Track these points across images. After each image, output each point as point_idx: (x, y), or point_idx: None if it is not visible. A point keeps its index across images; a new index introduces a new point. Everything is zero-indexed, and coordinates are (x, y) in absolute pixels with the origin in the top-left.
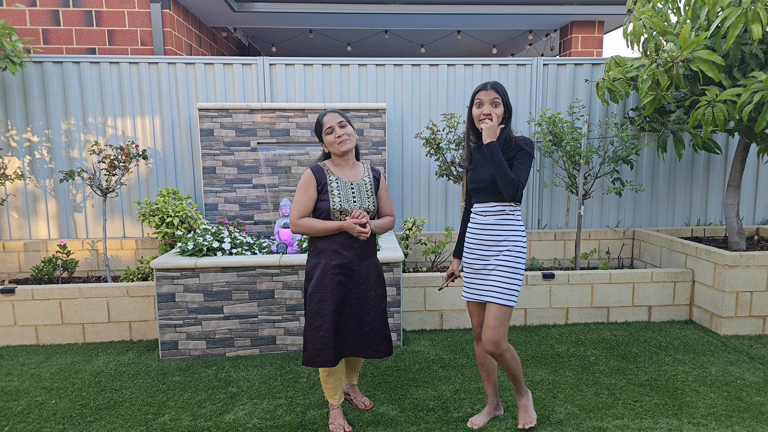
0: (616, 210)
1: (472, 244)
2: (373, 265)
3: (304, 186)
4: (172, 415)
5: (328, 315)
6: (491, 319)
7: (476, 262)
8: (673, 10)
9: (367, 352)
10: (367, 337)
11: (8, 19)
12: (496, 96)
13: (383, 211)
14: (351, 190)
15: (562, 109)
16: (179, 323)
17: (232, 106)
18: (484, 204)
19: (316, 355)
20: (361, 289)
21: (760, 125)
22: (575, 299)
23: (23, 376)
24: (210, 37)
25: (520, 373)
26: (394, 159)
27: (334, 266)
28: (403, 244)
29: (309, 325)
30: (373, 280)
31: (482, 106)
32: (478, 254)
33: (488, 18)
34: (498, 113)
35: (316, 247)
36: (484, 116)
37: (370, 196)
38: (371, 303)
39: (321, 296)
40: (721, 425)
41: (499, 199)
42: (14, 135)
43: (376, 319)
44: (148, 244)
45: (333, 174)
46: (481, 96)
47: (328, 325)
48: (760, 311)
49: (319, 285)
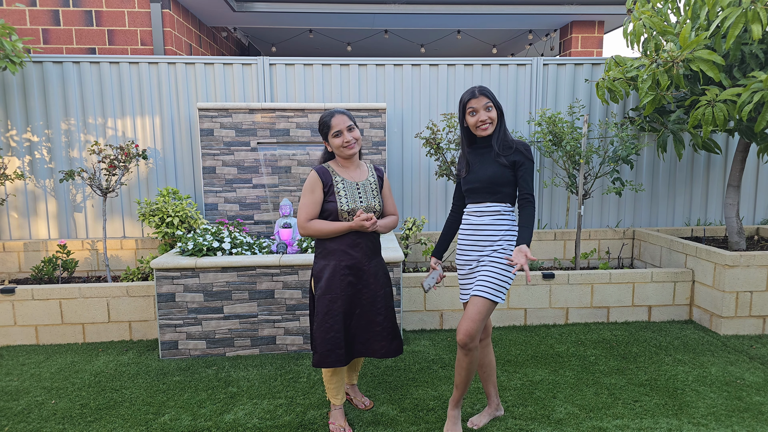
0: (616, 210)
1: (466, 247)
2: (381, 264)
3: (310, 188)
4: (172, 415)
5: (338, 316)
6: (474, 312)
7: (471, 263)
8: (673, 10)
9: (380, 352)
10: (380, 337)
11: (8, 19)
12: (487, 101)
13: (387, 210)
14: (357, 190)
15: (562, 109)
16: (179, 323)
17: (232, 106)
18: (480, 204)
19: (326, 356)
20: (371, 288)
21: (760, 125)
22: (575, 299)
23: (23, 376)
24: (210, 37)
25: (471, 379)
26: (394, 159)
27: (344, 267)
28: (403, 244)
29: (319, 326)
30: (381, 279)
31: (476, 113)
32: (473, 256)
33: (488, 18)
34: (493, 117)
35: (324, 249)
36: (481, 123)
37: (376, 196)
38: (381, 302)
39: (331, 297)
40: (721, 425)
41: (495, 199)
42: (14, 135)
43: (388, 318)
44: (148, 244)
45: (338, 175)
46: (473, 104)
47: (338, 326)
48: (760, 311)
49: (329, 286)
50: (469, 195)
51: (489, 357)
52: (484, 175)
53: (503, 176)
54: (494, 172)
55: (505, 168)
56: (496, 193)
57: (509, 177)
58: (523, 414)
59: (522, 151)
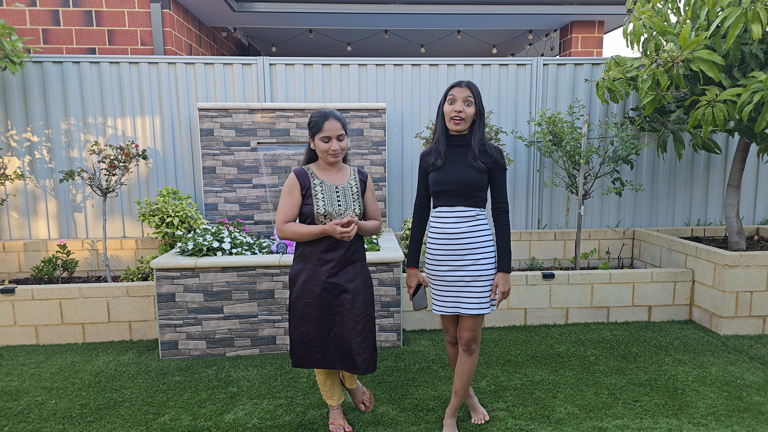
0: (616, 210)
1: (443, 255)
2: (361, 269)
3: (288, 191)
4: (172, 415)
5: (313, 321)
6: (472, 324)
7: (449, 274)
8: (673, 10)
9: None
10: (360, 349)
11: (8, 19)
12: (469, 95)
13: (369, 215)
14: (336, 193)
15: (562, 109)
16: (179, 323)
17: (232, 106)
18: (453, 209)
19: (303, 358)
20: (349, 293)
21: (760, 125)
22: (575, 299)
23: (23, 376)
24: (210, 37)
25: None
26: (394, 159)
27: (319, 271)
28: (403, 244)
29: (295, 330)
30: (360, 285)
31: (455, 103)
32: (451, 266)
33: (488, 18)
34: (469, 113)
35: (301, 252)
36: (456, 113)
37: (356, 200)
38: (360, 309)
39: (306, 302)
40: (721, 425)
41: (470, 204)
42: (14, 135)
43: (367, 327)
44: (148, 244)
45: (317, 177)
46: (454, 92)
47: (314, 330)
48: (760, 311)
49: (303, 290)
50: (440, 196)
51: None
52: (459, 178)
53: (479, 180)
54: (471, 175)
55: (481, 173)
56: (471, 198)
57: (484, 182)
58: (523, 414)
59: (497, 158)
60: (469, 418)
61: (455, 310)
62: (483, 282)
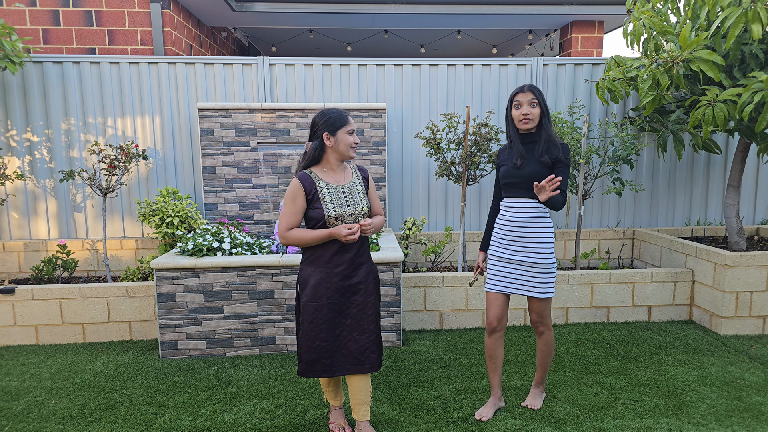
0: (616, 210)
1: (503, 238)
2: (370, 269)
3: (291, 197)
4: (172, 415)
5: (324, 324)
6: (536, 308)
7: (507, 256)
8: (673, 10)
9: (367, 364)
10: (374, 345)
11: (8, 19)
12: (533, 98)
13: (374, 210)
14: (343, 194)
15: (562, 109)
16: (179, 323)
17: (232, 106)
18: (517, 200)
19: (312, 365)
20: (361, 295)
21: (761, 125)
22: (575, 299)
23: (23, 376)
24: (210, 37)
25: (549, 362)
26: (394, 159)
27: (331, 274)
28: (403, 244)
29: (305, 334)
30: (371, 286)
31: (521, 107)
32: (510, 249)
33: (488, 18)
34: (535, 114)
35: (311, 254)
36: (524, 116)
37: (363, 198)
38: (371, 309)
39: (317, 305)
40: (721, 425)
41: (532, 196)
42: (14, 135)
43: (378, 326)
44: (148, 244)
45: (322, 180)
46: (519, 98)
47: (324, 335)
48: (760, 311)
49: (315, 293)
50: (507, 189)
51: (498, 350)
52: (525, 172)
53: (544, 175)
54: (535, 169)
55: (546, 167)
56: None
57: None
58: (523, 414)
59: (560, 154)
60: (469, 417)
61: (504, 288)
62: (542, 269)
